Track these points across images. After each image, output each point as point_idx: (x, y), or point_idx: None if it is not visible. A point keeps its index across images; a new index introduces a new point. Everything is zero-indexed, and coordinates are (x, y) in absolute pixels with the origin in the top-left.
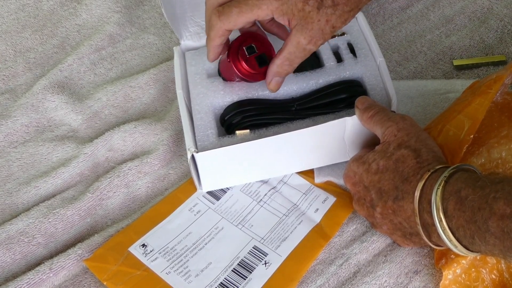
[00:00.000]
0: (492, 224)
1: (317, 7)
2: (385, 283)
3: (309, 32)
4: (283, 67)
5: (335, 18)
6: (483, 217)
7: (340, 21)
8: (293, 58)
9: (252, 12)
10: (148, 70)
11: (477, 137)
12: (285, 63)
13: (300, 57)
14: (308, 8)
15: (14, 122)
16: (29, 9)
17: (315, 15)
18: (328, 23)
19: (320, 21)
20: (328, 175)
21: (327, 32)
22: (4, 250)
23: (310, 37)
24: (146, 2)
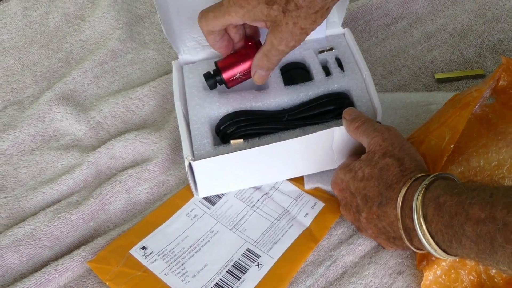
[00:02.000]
0: (468, 228)
1: (282, 11)
2: (370, 283)
3: (280, 34)
4: (263, 61)
5: (302, 20)
6: (459, 222)
7: (308, 22)
8: (270, 56)
9: (224, 18)
10: (148, 83)
11: (457, 147)
12: (264, 59)
13: (276, 55)
14: (274, 13)
15: (22, 132)
16: (36, 26)
17: (282, 19)
18: (296, 25)
19: (288, 24)
20: (317, 182)
21: (297, 34)
22: (12, 252)
23: (280, 39)
24: (146, 19)
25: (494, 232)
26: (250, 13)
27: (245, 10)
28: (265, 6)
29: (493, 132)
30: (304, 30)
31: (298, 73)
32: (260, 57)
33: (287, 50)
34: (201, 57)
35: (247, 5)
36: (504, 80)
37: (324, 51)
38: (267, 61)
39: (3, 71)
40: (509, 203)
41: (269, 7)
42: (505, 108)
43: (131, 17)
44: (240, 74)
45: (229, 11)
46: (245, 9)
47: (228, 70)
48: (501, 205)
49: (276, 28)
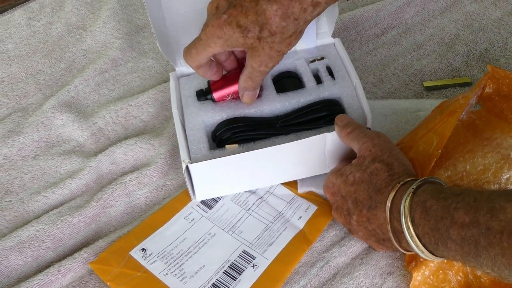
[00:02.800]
0: (453, 232)
1: (257, 38)
2: (361, 283)
3: (258, 58)
4: (247, 83)
5: (277, 45)
6: (445, 225)
7: (283, 45)
8: (252, 77)
9: (206, 51)
10: (147, 91)
11: (444, 152)
12: (248, 81)
13: (258, 76)
14: (249, 41)
15: (26, 138)
16: (39, 36)
17: (258, 45)
18: (272, 49)
19: (264, 48)
20: (310, 186)
21: (274, 56)
22: (17, 254)
23: (260, 62)
24: (146, 29)
25: (478, 236)
26: (227, 42)
27: (223, 40)
28: (240, 35)
29: (479, 138)
30: (281, 52)
31: (290, 81)
32: (245, 79)
33: (268, 70)
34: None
35: (224, 35)
36: (490, 88)
37: (315, 61)
38: (251, 82)
39: (8, 79)
40: (492, 208)
41: (244, 36)
42: (490, 114)
43: (131, 27)
44: (230, 97)
45: (209, 43)
46: (223, 39)
47: (219, 91)
48: (485, 210)
49: (254, 53)
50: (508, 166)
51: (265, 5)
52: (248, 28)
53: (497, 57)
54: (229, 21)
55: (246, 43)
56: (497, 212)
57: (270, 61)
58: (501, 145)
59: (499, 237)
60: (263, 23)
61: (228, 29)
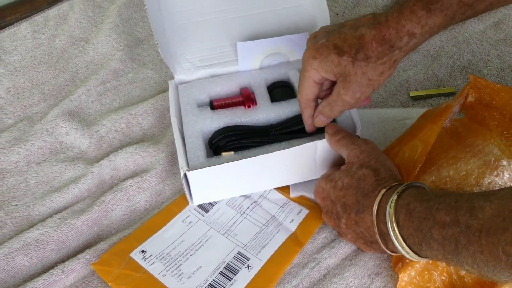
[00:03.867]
0: (435, 232)
1: (352, 60)
2: (350, 283)
3: (348, 84)
4: (325, 109)
5: (370, 71)
6: (427, 226)
7: (376, 73)
8: (333, 105)
9: (306, 77)
10: (147, 100)
11: (429, 158)
12: (327, 107)
13: (340, 105)
14: (344, 63)
15: (31, 145)
16: (44, 48)
17: (351, 69)
18: (364, 76)
19: (357, 73)
20: (301, 191)
21: (364, 85)
22: (23, 255)
23: (348, 89)
24: (145, 41)
25: (458, 235)
26: (322, 64)
27: (318, 61)
28: (336, 56)
29: (462, 144)
30: (371, 81)
31: (284, 90)
32: (325, 104)
33: (352, 101)
34: (195, 77)
35: (320, 56)
36: (472, 97)
37: None
38: (329, 110)
39: (14, 89)
40: (471, 208)
41: (340, 57)
42: (473, 122)
43: (131, 40)
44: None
45: (305, 66)
46: (318, 59)
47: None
48: (464, 209)
49: (345, 78)
50: (490, 171)
51: (364, 30)
52: (344, 49)
53: (479, 68)
54: (327, 44)
55: (340, 64)
56: (476, 211)
57: (358, 90)
58: (482, 151)
59: (477, 235)
60: (360, 46)
61: (324, 50)
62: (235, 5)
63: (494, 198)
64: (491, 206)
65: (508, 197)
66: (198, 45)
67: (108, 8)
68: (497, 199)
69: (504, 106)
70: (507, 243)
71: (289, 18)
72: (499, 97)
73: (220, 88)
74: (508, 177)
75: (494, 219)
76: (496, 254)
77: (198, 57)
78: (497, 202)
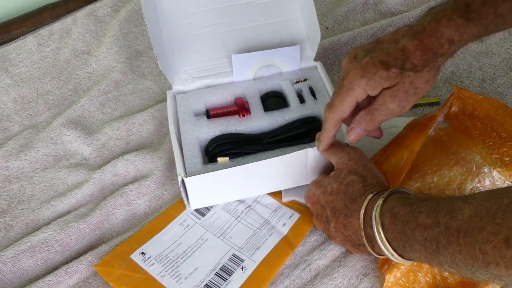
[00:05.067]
0: (417, 234)
1: (400, 72)
2: (340, 283)
3: (395, 92)
4: (365, 118)
5: (417, 79)
6: (410, 228)
7: (422, 81)
8: (375, 114)
9: (350, 95)
10: (146, 110)
11: (414, 165)
12: (367, 116)
13: (382, 115)
14: (392, 75)
15: (37, 152)
16: (49, 60)
17: (400, 79)
18: (411, 84)
19: (405, 83)
20: (293, 196)
21: (411, 93)
22: (28, 257)
23: (394, 97)
24: (145, 54)
25: (438, 235)
26: (371, 81)
27: (366, 79)
28: (384, 71)
29: (445, 152)
30: (418, 90)
31: (276, 100)
32: (365, 113)
33: (397, 110)
34: (192, 88)
35: (368, 74)
36: (456, 107)
37: (299, 82)
38: (369, 119)
39: (20, 99)
40: (451, 209)
41: (388, 71)
42: (456, 131)
43: (132, 53)
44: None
45: (352, 86)
46: (366, 78)
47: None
48: (445, 211)
49: (392, 89)
50: (472, 178)
51: (405, 42)
52: (390, 63)
53: (462, 79)
54: (372, 61)
55: (389, 77)
56: (455, 213)
57: (405, 99)
58: (465, 159)
59: (456, 235)
60: (406, 58)
61: (371, 68)
62: (230, 19)
63: (472, 200)
64: (470, 207)
65: (486, 199)
66: (195, 57)
67: (110, 22)
68: (475, 200)
69: (486, 116)
70: (483, 242)
71: (281, 32)
72: (481, 108)
73: (216, 98)
74: (489, 184)
75: (472, 220)
76: (473, 253)
77: (195, 69)
78: (475, 203)
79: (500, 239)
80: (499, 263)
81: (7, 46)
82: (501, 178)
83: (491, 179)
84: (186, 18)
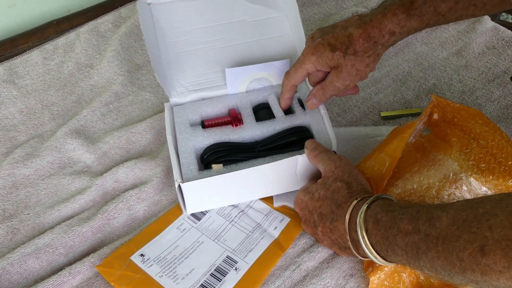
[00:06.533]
0: (399, 239)
1: (343, 55)
2: (327, 284)
3: (339, 74)
4: (318, 92)
5: (358, 63)
6: (392, 234)
7: (362, 64)
8: (325, 89)
9: (302, 68)
10: (145, 120)
11: (396, 172)
12: (320, 90)
13: (331, 90)
14: (336, 57)
15: (42, 160)
16: (53, 73)
17: (342, 61)
18: (353, 67)
19: (347, 65)
20: (284, 201)
21: (353, 74)
22: (34, 259)
23: (338, 77)
24: (144, 67)
25: (418, 242)
26: (319, 59)
27: (315, 57)
28: (330, 52)
29: (425, 159)
30: (359, 71)
31: (267, 111)
32: (318, 88)
33: (341, 87)
34: (188, 100)
35: (317, 52)
36: (437, 115)
37: None
38: (322, 93)
39: (27, 110)
40: (430, 217)
41: (333, 52)
42: (437, 138)
43: (132, 66)
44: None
45: (304, 60)
46: (315, 55)
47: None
48: (424, 219)
49: (337, 69)
50: (449, 184)
51: (352, 30)
52: (337, 46)
53: (443, 91)
54: (322, 42)
55: (333, 58)
56: (434, 221)
57: (348, 79)
58: (443, 166)
59: (435, 242)
60: (349, 43)
61: (321, 47)
62: (223, 36)
63: (450, 209)
64: (447, 216)
65: (463, 208)
66: (191, 71)
67: (111, 37)
68: (452, 209)
69: (465, 124)
70: (460, 249)
71: (272, 47)
72: (459, 115)
73: (210, 109)
74: (466, 190)
75: (450, 228)
76: (451, 259)
77: (191, 82)
78: (452, 212)
79: (476, 247)
80: (474, 270)
81: (14, 60)
82: (477, 184)
83: (468, 186)
84: (182, 35)
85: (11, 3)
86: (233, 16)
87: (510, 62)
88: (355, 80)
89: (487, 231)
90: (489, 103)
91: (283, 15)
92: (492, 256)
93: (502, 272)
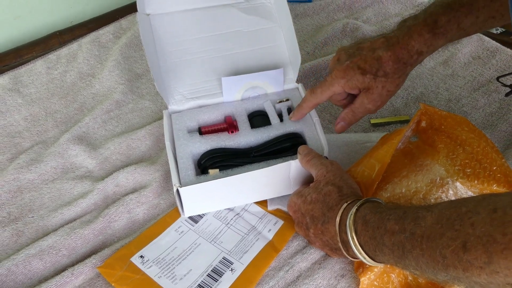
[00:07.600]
0: (386, 239)
1: (373, 77)
2: (320, 284)
3: (371, 96)
4: (348, 115)
5: (388, 84)
6: (380, 234)
7: (393, 85)
8: (356, 112)
9: (329, 90)
10: (145, 127)
11: (385, 176)
12: (349, 113)
13: (361, 112)
14: (367, 80)
15: (46, 165)
16: (57, 82)
17: (373, 84)
18: (384, 88)
19: (378, 87)
20: (277, 204)
21: (384, 95)
22: (38, 260)
23: (370, 99)
24: (143, 76)
25: (404, 241)
26: (348, 82)
27: (345, 80)
28: (360, 75)
29: (413, 164)
30: (389, 92)
31: (262, 118)
32: (347, 111)
33: (373, 109)
34: (186, 107)
35: (346, 76)
36: (425, 123)
37: (282, 101)
38: (351, 116)
39: (31, 117)
40: (416, 217)
41: (364, 76)
42: (425, 144)
43: (132, 75)
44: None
45: (333, 83)
46: (345, 79)
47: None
48: (410, 219)
49: (368, 91)
50: (436, 189)
51: (381, 52)
52: (366, 69)
53: (430, 99)
54: (352, 65)
55: (364, 81)
56: (419, 220)
57: (379, 99)
58: (430, 171)
59: (420, 241)
60: (379, 66)
61: (351, 71)
62: (219, 46)
63: (435, 208)
64: (432, 215)
65: (446, 207)
66: (188, 80)
67: (112, 47)
68: (437, 209)
69: (451, 131)
70: (443, 246)
71: (266, 57)
72: (446, 123)
73: (207, 116)
74: (452, 194)
75: (434, 226)
76: (435, 256)
77: (188, 90)
78: (437, 212)
79: (458, 243)
80: (456, 266)
81: (19, 69)
82: (463, 188)
83: (454, 190)
84: (180, 45)
85: (16, 15)
86: (229, 26)
87: (495, 71)
88: (386, 101)
89: (469, 228)
90: (474, 111)
91: (277, 26)
92: (473, 252)
93: (482, 268)
